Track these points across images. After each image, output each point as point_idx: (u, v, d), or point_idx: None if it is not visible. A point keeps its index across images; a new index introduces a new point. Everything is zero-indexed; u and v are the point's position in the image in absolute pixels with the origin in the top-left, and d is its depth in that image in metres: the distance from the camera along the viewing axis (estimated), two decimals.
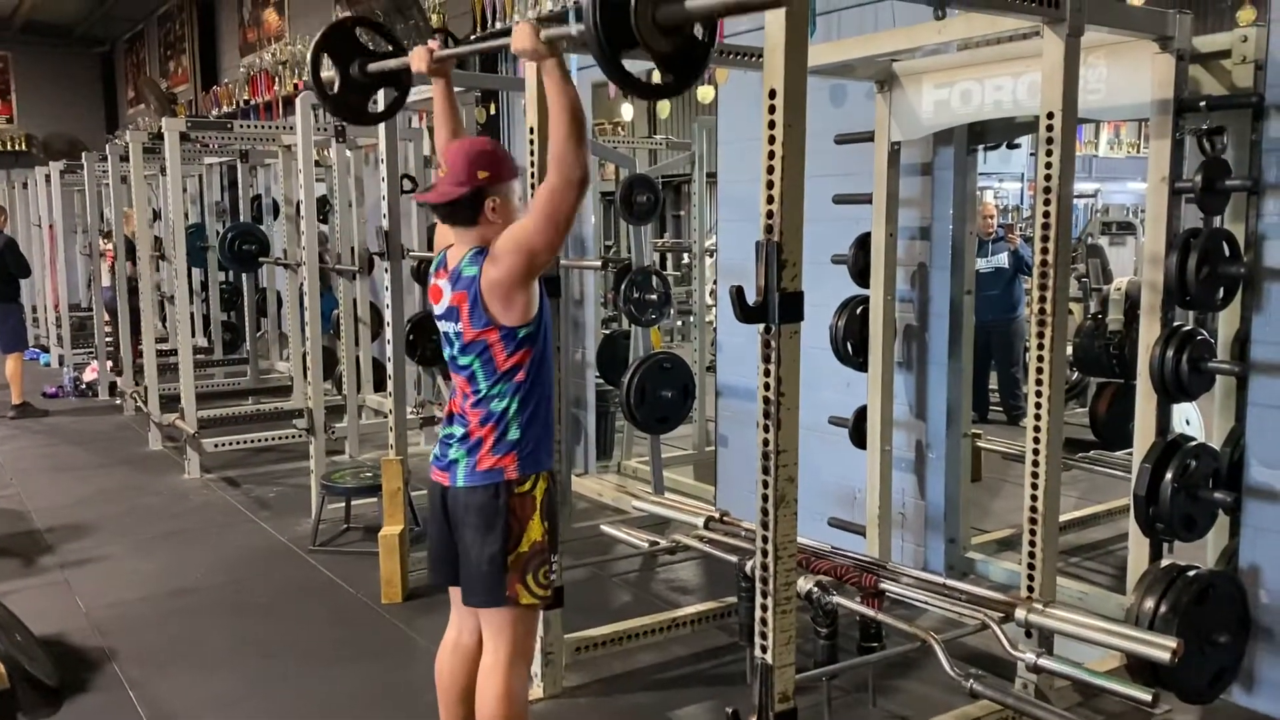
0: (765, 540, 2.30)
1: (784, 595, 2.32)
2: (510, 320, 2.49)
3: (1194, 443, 3.08)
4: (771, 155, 2.20)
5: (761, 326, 2.23)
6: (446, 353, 2.64)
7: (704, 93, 5.19)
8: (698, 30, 2.21)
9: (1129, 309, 5.62)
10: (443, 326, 2.61)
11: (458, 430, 2.59)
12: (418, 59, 2.90)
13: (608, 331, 6.47)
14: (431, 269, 2.66)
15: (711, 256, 6.98)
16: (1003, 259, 7.11)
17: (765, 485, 2.30)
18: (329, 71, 3.15)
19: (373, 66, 3.11)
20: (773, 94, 2.18)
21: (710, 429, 6.21)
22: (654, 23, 2.07)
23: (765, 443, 2.28)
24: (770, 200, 2.21)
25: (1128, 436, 4.85)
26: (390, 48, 3.30)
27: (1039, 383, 2.86)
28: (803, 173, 2.21)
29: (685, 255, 11.46)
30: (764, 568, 2.32)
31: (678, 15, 2.05)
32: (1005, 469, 5.64)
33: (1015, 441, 5.98)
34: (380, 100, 3.54)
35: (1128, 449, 4.98)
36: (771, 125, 2.19)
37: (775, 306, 2.22)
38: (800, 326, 2.25)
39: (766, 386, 2.26)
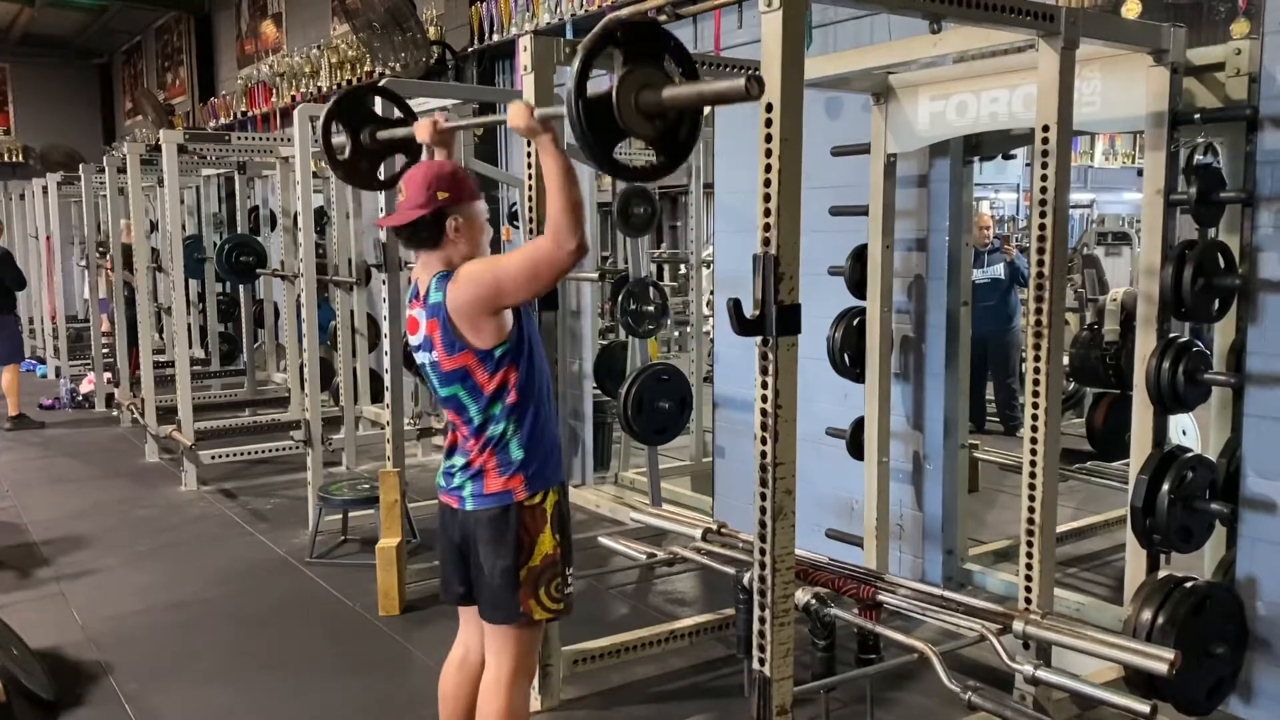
0: (763, 552, 2.31)
1: (782, 607, 2.33)
2: (482, 343, 2.45)
3: (1190, 454, 3.09)
4: (769, 169, 2.21)
5: (759, 339, 2.24)
6: (429, 386, 2.61)
7: None
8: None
9: (1125, 320, 5.64)
10: (420, 359, 2.57)
11: (459, 460, 2.57)
12: (421, 130, 2.83)
13: (605, 343, 6.48)
14: (407, 299, 2.63)
15: (708, 267, 6.99)
16: (999, 270, 7.13)
17: (763, 497, 2.30)
18: (340, 137, 3.15)
19: (382, 134, 3.12)
20: (769, 108, 2.19)
21: (708, 440, 6.21)
22: (636, 110, 2.16)
23: (763, 455, 2.29)
24: (767, 213, 2.23)
25: (1124, 447, 4.85)
26: (403, 114, 3.31)
27: (1036, 394, 2.87)
28: (799, 186, 2.23)
29: (682, 266, 11.48)
30: (762, 580, 2.32)
31: (655, 104, 2.14)
32: (1002, 480, 5.65)
33: (1012, 452, 5.99)
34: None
35: (1125, 460, 5.00)
36: (768, 139, 2.20)
37: (773, 319, 2.23)
38: (798, 339, 2.26)
39: (764, 399, 2.27)
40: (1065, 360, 4.46)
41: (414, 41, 7.30)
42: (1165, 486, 2.99)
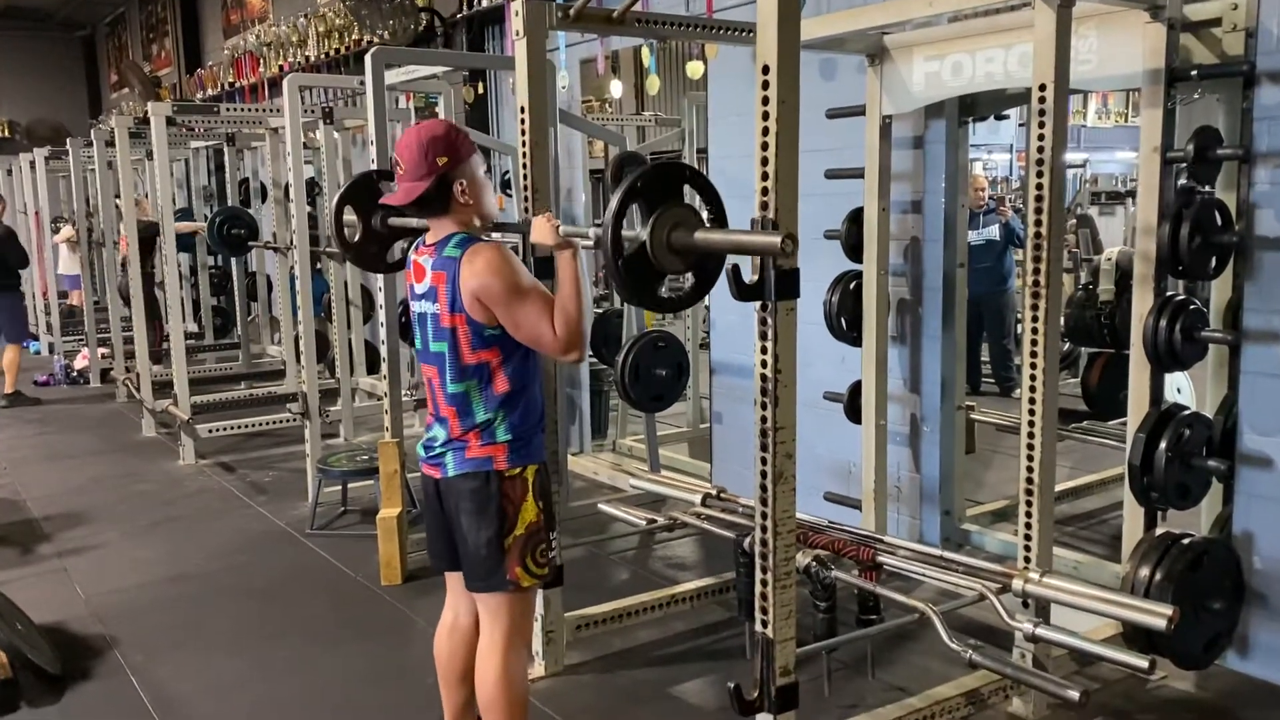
0: (764, 516, 2.32)
1: (784, 570, 2.34)
2: (480, 318, 2.44)
3: (1187, 411, 3.10)
4: (765, 131, 2.20)
5: (758, 304, 2.24)
6: (418, 340, 2.58)
7: (693, 69, 5.17)
8: None
9: (1120, 279, 5.64)
10: (420, 308, 2.54)
11: (440, 434, 2.55)
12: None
13: (600, 310, 6.47)
14: (411, 247, 2.62)
15: None
16: (994, 231, 7.12)
17: (764, 462, 2.31)
18: (350, 216, 3.13)
19: (394, 221, 3.11)
20: (766, 69, 2.18)
21: (704, 406, 6.22)
22: (669, 249, 2.24)
23: (763, 420, 2.29)
24: (765, 177, 2.21)
25: (1120, 406, 4.83)
26: None
27: (1034, 354, 2.87)
28: (797, 149, 2.21)
29: None
30: (763, 543, 2.33)
31: (688, 245, 2.24)
32: (998, 440, 5.66)
33: (1008, 413, 6.00)
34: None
35: (1120, 419, 5.00)
36: (765, 101, 2.18)
37: (772, 283, 2.22)
38: (797, 303, 2.26)
39: (764, 364, 2.27)
40: (1060, 320, 4.47)
41: (402, 8, 7.22)
42: (1163, 444, 3.00)
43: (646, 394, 4.95)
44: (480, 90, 6.56)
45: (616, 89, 7.52)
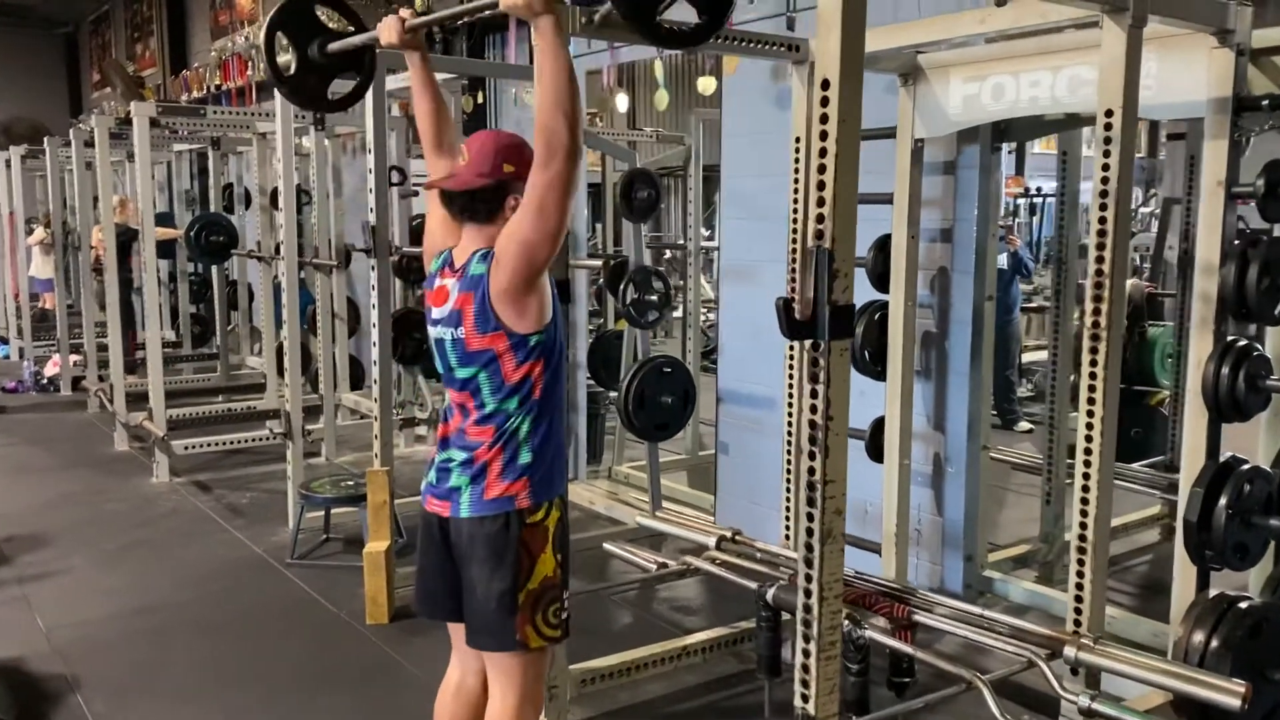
0: (809, 579, 2.09)
1: (829, 640, 2.11)
2: (522, 327, 2.24)
3: (1248, 465, 2.89)
4: (824, 153, 1.99)
5: (809, 343, 2.02)
6: (441, 364, 2.37)
7: (705, 84, 4.98)
8: None
9: (1133, 312, 5.48)
10: (438, 333, 2.33)
11: (458, 455, 2.32)
12: (387, 30, 2.48)
13: (591, 328, 6.24)
14: (434, 268, 2.39)
15: (707, 254, 6.75)
16: (1001, 260, 6.95)
17: (810, 518, 2.08)
18: (285, 54, 2.86)
19: (333, 46, 2.81)
20: (826, 84, 1.97)
21: (703, 433, 5.99)
22: None
23: (810, 471, 2.06)
24: (821, 203, 2.00)
25: (1129, 446, 4.64)
26: (353, 27, 3.00)
27: (1091, 400, 2.66)
28: (857, 172, 2.01)
29: (667, 251, 11.23)
30: (807, 609, 2.10)
31: None
32: (1007, 477, 5.46)
33: (1017, 449, 5.81)
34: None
35: (1136, 461, 4.81)
36: (824, 119, 1.98)
37: (825, 320, 2.00)
38: (850, 343, 2.05)
39: (813, 409, 2.05)
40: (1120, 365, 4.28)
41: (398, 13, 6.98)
42: (1223, 500, 2.79)
43: (651, 422, 4.70)
44: (480, 100, 6.32)
45: (623, 103, 7.29)
